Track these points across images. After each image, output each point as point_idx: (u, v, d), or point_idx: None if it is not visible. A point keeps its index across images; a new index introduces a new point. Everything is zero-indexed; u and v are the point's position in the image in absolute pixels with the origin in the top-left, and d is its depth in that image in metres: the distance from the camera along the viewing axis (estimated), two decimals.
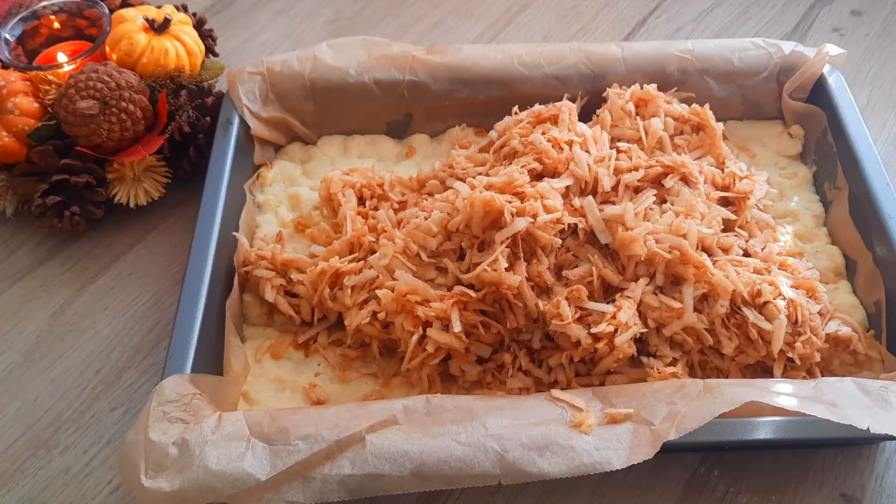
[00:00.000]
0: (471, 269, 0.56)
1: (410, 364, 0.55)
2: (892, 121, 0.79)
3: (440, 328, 0.55)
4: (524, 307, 0.55)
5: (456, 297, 0.55)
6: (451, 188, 0.62)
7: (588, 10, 0.92)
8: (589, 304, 0.55)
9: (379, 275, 0.57)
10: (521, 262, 0.56)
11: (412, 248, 0.58)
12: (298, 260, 0.61)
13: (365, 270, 0.58)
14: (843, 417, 0.46)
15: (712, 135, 0.67)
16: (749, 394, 0.47)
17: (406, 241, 0.58)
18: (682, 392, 0.49)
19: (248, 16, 0.93)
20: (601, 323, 0.53)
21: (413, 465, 0.46)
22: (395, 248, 0.58)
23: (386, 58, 0.72)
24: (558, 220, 0.57)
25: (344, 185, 0.65)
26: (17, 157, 0.69)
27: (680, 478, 0.55)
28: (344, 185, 0.65)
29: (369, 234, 0.61)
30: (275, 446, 0.47)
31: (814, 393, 0.48)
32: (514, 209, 0.56)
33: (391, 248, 0.58)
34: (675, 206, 0.59)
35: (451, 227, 0.58)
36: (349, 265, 0.59)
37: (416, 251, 0.58)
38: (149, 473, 0.46)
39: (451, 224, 0.58)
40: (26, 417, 0.60)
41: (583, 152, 0.61)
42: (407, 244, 0.58)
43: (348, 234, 0.61)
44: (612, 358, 0.53)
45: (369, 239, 0.61)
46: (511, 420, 0.49)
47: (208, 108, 0.72)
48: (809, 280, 0.58)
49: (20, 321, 0.66)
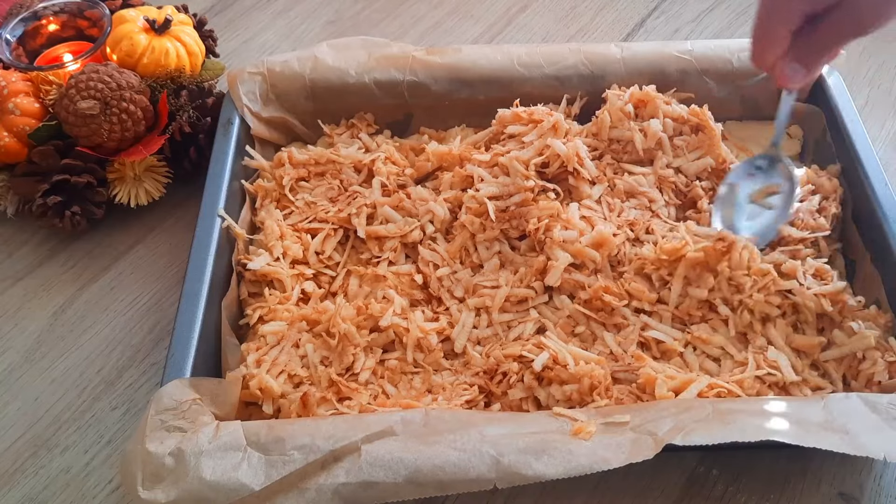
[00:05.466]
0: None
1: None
2: (890, 121, 0.79)
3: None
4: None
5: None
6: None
7: (587, 11, 0.93)
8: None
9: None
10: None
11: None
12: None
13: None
14: (858, 448, 0.45)
15: (711, 135, 0.67)
16: (764, 431, 0.47)
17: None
18: (690, 413, 0.48)
19: (248, 16, 0.93)
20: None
21: (407, 471, 0.46)
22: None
23: (386, 58, 0.72)
24: None
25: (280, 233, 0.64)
26: (17, 157, 0.70)
27: (678, 477, 0.55)
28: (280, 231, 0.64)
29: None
30: (270, 456, 0.47)
31: (825, 417, 0.48)
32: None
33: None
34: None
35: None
36: (321, 394, 0.55)
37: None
38: (145, 485, 0.46)
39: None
40: (27, 417, 0.60)
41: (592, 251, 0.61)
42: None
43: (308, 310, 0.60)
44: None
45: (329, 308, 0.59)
46: (510, 430, 0.49)
47: (209, 108, 0.72)
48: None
49: (21, 321, 0.66)
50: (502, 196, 0.63)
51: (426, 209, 0.65)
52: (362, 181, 0.69)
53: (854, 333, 0.55)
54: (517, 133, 0.67)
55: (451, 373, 0.58)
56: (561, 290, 0.60)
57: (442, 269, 0.62)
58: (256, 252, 0.63)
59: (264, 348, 0.57)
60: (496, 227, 0.63)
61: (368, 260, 0.64)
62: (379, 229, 0.64)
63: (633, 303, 0.59)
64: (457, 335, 0.59)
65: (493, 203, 0.63)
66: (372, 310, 0.58)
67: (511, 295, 0.60)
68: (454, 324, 0.59)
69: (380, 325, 0.57)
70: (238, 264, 0.63)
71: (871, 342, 0.54)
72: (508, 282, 0.60)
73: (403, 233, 0.64)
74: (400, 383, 0.57)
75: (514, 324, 0.59)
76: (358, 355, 0.57)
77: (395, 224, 0.65)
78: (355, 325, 0.57)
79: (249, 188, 0.68)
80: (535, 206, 0.62)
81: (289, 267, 0.62)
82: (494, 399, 0.56)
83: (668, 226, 0.64)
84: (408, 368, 0.57)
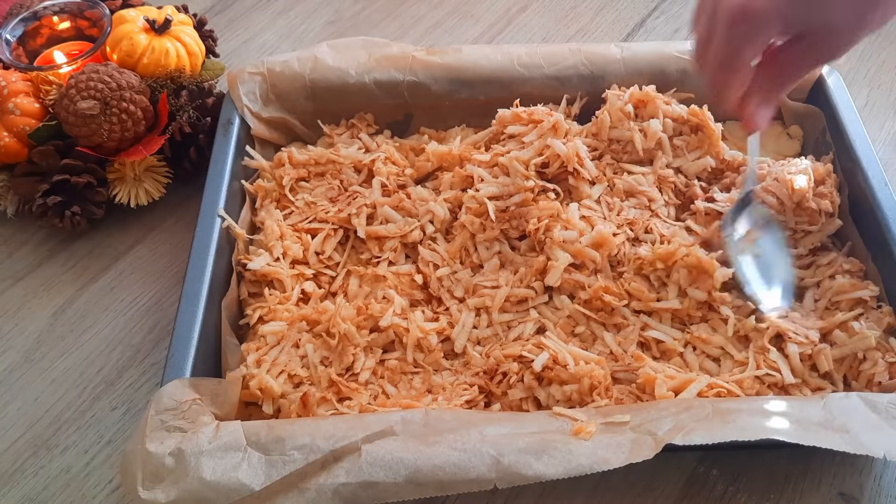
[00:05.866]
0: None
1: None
2: (890, 121, 0.79)
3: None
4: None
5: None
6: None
7: (587, 11, 0.93)
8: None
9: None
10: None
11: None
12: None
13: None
14: (858, 447, 0.46)
15: (711, 135, 0.67)
16: (764, 430, 0.47)
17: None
18: (689, 413, 0.48)
19: (248, 16, 0.93)
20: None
21: (407, 471, 0.46)
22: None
23: (386, 58, 0.72)
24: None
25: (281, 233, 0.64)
26: (18, 157, 0.70)
27: (678, 477, 0.55)
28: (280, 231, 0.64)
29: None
30: (270, 456, 0.47)
31: (825, 416, 0.48)
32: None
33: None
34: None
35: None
36: (321, 394, 0.55)
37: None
38: (145, 485, 0.46)
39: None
40: (27, 417, 0.60)
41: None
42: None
43: (309, 311, 0.60)
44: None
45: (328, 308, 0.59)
46: (510, 430, 0.49)
47: (209, 108, 0.72)
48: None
49: (21, 321, 0.66)
50: (502, 196, 0.63)
51: (426, 209, 0.65)
52: (362, 181, 0.69)
53: (855, 333, 0.55)
54: (517, 133, 0.67)
55: (451, 373, 0.58)
56: (561, 290, 0.60)
57: (442, 270, 0.62)
58: (256, 252, 0.63)
59: (264, 348, 0.57)
60: (496, 227, 0.63)
61: (368, 260, 0.64)
62: (379, 229, 0.64)
63: (632, 303, 0.59)
64: (457, 335, 0.59)
65: (493, 203, 0.63)
66: (372, 310, 0.58)
67: (511, 295, 0.60)
68: (454, 324, 0.59)
69: (380, 325, 0.57)
70: (238, 264, 0.63)
71: (871, 342, 0.54)
72: (508, 282, 0.60)
73: (403, 233, 0.64)
74: (400, 383, 0.57)
75: (514, 324, 0.59)
76: (358, 355, 0.57)
77: (395, 224, 0.65)
78: (355, 325, 0.57)
79: (249, 188, 0.68)
80: (535, 207, 0.62)
81: (289, 267, 0.62)
82: (494, 399, 0.56)
83: (667, 225, 0.64)
84: (408, 368, 0.57)
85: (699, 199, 0.65)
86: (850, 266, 0.60)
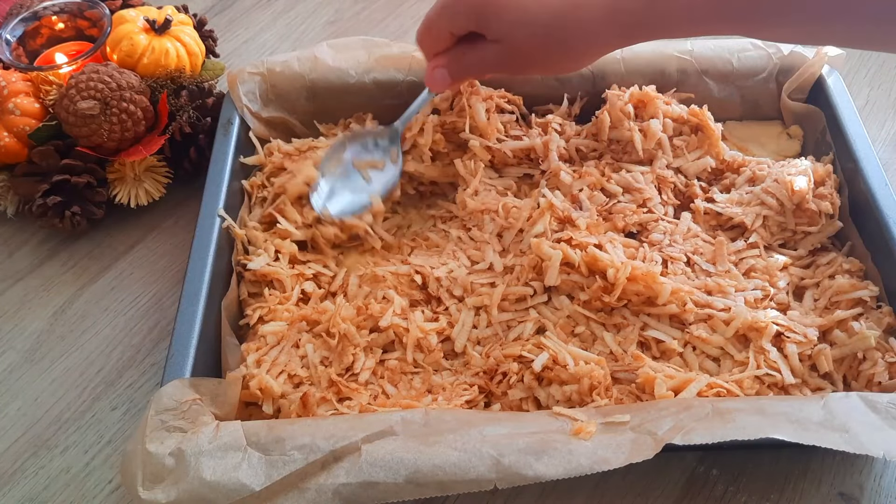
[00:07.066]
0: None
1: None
2: (890, 121, 0.79)
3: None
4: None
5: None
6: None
7: None
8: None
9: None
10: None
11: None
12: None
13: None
14: (857, 447, 0.46)
15: (711, 135, 0.67)
16: (764, 428, 0.47)
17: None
18: (690, 412, 0.48)
19: (248, 16, 0.93)
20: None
21: (408, 471, 0.46)
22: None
23: (386, 58, 0.72)
24: None
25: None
26: (18, 157, 0.70)
27: (679, 477, 0.55)
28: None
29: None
30: (271, 456, 0.47)
31: (824, 416, 0.48)
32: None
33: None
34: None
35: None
36: (321, 394, 0.55)
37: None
38: (145, 485, 0.46)
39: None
40: (27, 417, 0.60)
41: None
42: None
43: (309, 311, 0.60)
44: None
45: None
46: (510, 430, 0.49)
47: (209, 108, 0.72)
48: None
49: (21, 321, 0.66)
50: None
51: None
52: None
53: (855, 333, 0.55)
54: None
55: (451, 373, 0.58)
56: (560, 291, 0.60)
57: (440, 269, 0.62)
58: (256, 252, 0.63)
59: (264, 348, 0.57)
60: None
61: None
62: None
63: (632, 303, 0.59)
64: (457, 335, 0.59)
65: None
66: (372, 310, 0.58)
67: (509, 293, 0.60)
68: (454, 324, 0.59)
69: (380, 325, 0.57)
70: (238, 264, 0.63)
71: (871, 342, 0.54)
72: (505, 279, 0.60)
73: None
74: (400, 383, 0.57)
75: (514, 324, 0.59)
76: (358, 355, 0.57)
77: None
78: (355, 325, 0.57)
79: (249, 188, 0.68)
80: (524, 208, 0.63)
81: (288, 267, 0.62)
82: (494, 399, 0.56)
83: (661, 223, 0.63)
84: (408, 368, 0.57)
85: (699, 198, 0.65)
86: (849, 266, 0.60)
